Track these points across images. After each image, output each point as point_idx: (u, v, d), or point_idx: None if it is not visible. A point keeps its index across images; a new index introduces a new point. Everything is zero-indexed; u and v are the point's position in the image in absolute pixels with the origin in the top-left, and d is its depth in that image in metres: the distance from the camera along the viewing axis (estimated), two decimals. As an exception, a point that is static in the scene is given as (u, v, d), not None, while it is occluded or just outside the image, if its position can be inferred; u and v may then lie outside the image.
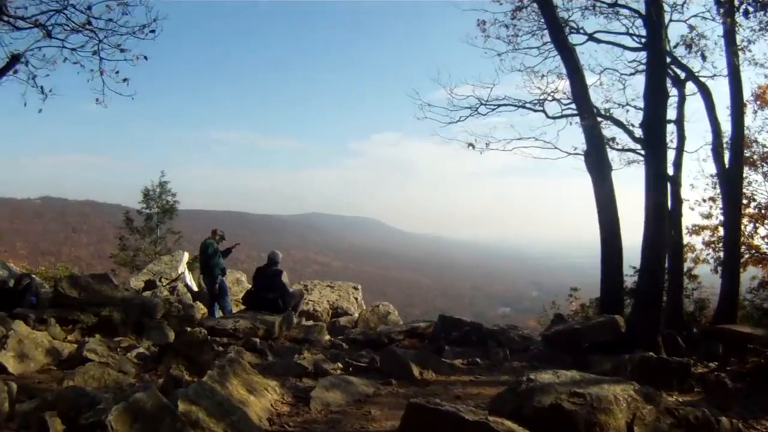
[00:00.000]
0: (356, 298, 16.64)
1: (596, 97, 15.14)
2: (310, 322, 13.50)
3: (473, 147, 14.05)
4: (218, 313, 12.89)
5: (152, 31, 10.01)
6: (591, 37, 14.19)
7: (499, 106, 14.50)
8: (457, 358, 8.97)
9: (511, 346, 10.12)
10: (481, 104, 14.40)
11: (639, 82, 15.30)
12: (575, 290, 20.41)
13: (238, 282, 17.27)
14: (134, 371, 6.58)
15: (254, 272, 12.47)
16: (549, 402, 4.71)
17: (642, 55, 14.09)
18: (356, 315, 15.40)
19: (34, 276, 11.20)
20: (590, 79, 13.93)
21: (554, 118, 14.41)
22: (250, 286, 13.26)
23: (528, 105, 14.57)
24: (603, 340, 9.62)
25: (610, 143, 15.00)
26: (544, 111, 14.47)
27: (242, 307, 12.78)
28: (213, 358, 6.64)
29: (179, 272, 17.32)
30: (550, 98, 14.59)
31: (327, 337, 11.34)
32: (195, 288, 16.55)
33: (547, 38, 13.90)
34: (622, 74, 15.41)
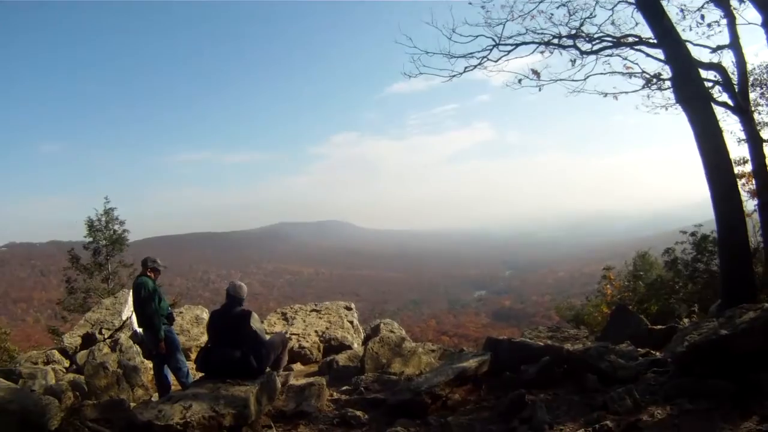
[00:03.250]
0: (351, 322, 13.07)
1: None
2: (299, 370, 9.88)
3: (538, 75, 11.38)
4: (171, 378, 9.17)
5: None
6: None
7: (518, 45, 11.27)
8: (562, 420, 5.49)
9: (617, 374, 6.61)
10: (496, 45, 11.19)
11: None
12: (608, 269, 17.08)
13: (197, 321, 13.14)
14: None
15: (208, 318, 8.40)
16: None
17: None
18: (356, 346, 11.93)
19: None
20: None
21: (592, 53, 11.29)
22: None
23: (554, 41, 11.33)
24: (761, 347, 5.96)
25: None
26: (576, 46, 11.25)
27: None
28: None
29: (123, 318, 13.23)
30: (579, 33, 11.33)
31: (328, 394, 7.64)
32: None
33: None
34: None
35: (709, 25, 11.39)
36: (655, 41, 10.07)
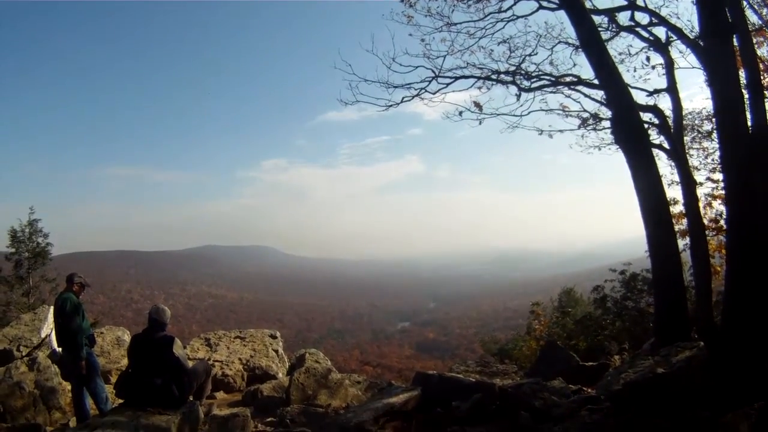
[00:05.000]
0: (276, 351, 12.65)
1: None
2: (222, 399, 9.49)
3: (480, 108, 11.41)
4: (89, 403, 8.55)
5: None
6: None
7: (457, 79, 11.21)
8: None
9: (551, 411, 6.42)
10: (435, 77, 11.09)
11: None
12: (537, 305, 17.22)
13: (118, 343, 12.48)
14: None
15: (129, 342, 7.89)
16: None
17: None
18: (280, 375, 11.55)
19: None
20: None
21: (530, 90, 11.34)
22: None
23: (493, 76, 11.37)
24: (697, 384, 5.96)
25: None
26: (515, 83, 11.30)
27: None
28: None
29: (42, 336, 12.43)
30: (518, 70, 11.44)
31: (253, 426, 7.33)
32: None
33: None
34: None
35: (653, 67, 11.61)
36: (593, 81, 10.17)
